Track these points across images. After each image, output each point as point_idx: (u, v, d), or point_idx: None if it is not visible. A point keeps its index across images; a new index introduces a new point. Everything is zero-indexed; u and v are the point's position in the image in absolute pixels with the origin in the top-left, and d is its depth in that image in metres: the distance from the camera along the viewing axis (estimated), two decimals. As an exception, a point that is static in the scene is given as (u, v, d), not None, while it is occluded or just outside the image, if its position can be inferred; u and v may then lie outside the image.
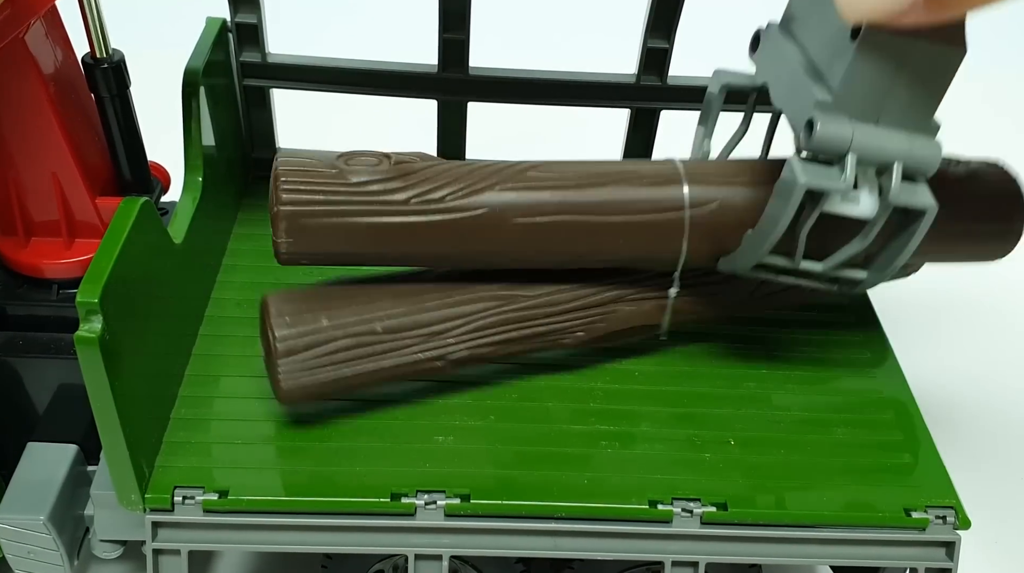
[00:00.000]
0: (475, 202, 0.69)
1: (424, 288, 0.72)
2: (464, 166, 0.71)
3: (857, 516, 0.70)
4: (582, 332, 0.75)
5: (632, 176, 0.72)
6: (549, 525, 0.69)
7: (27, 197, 0.73)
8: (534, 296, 0.74)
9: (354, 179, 0.67)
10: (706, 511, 0.69)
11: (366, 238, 0.68)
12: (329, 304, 0.70)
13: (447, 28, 0.88)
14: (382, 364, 0.70)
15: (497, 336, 0.73)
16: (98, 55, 0.73)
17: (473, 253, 0.71)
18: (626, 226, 0.71)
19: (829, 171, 0.65)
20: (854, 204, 0.66)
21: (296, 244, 0.68)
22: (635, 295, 0.76)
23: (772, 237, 0.68)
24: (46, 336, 0.76)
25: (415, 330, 0.70)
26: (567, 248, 0.71)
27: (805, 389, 0.79)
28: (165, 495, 0.67)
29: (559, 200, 0.70)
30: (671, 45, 0.89)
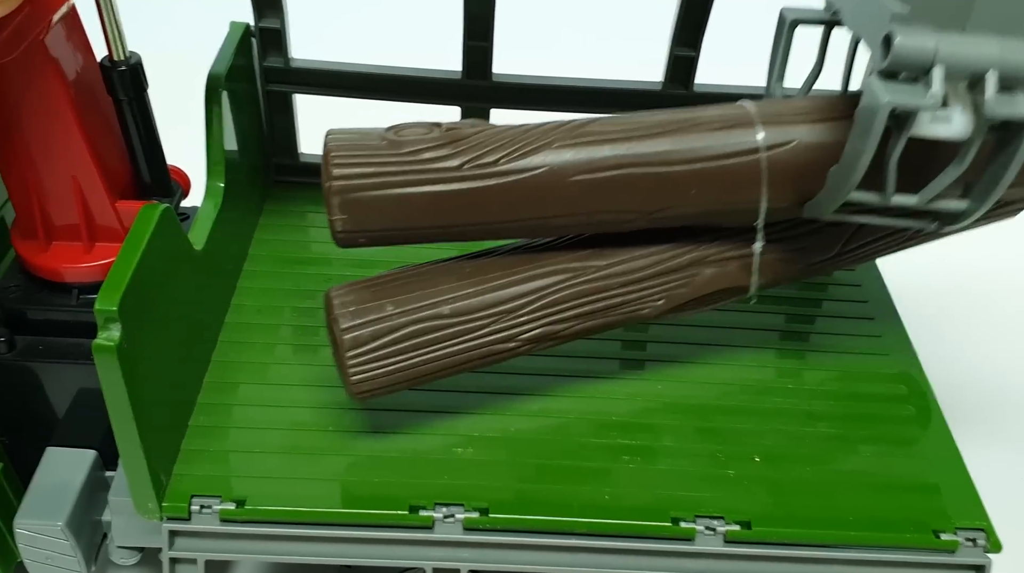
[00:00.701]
0: (531, 163, 0.65)
1: (490, 265, 0.69)
2: (517, 128, 0.67)
3: (885, 537, 0.68)
4: (662, 300, 0.71)
5: (699, 122, 0.67)
6: (569, 541, 0.68)
7: (48, 201, 0.72)
8: (607, 265, 0.69)
9: (404, 149, 0.65)
10: (730, 529, 0.68)
11: (422, 209, 0.65)
12: (393, 290, 0.67)
13: (471, 35, 0.87)
14: (452, 349, 0.67)
15: (571, 311, 0.69)
16: (115, 57, 0.72)
17: (534, 218, 0.67)
18: (697, 175, 0.66)
19: (914, 88, 0.59)
20: (946, 124, 0.61)
21: (351, 221, 0.65)
22: (717, 255, 0.71)
23: (858, 169, 0.62)
24: (66, 341, 0.75)
25: (484, 310, 0.67)
26: (634, 205, 0.67)
27: (831, 404, 0.78)
28: (182, 504, 0.67)
29: (620, 153, 0.65)
30: (697, 53, 0.88)
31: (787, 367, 0.81)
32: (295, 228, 0.92)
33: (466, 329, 0.68)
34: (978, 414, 1.03)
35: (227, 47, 0.84)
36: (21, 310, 0.75)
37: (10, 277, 0.76)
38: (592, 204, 0.67)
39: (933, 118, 0.61)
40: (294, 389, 0.76)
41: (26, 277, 0.76)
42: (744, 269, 0.72)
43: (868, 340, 0.84)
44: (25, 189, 0.72)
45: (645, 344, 0.82)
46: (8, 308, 0.75)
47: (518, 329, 0.69)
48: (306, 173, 0.97)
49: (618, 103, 0.91)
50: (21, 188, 0.72)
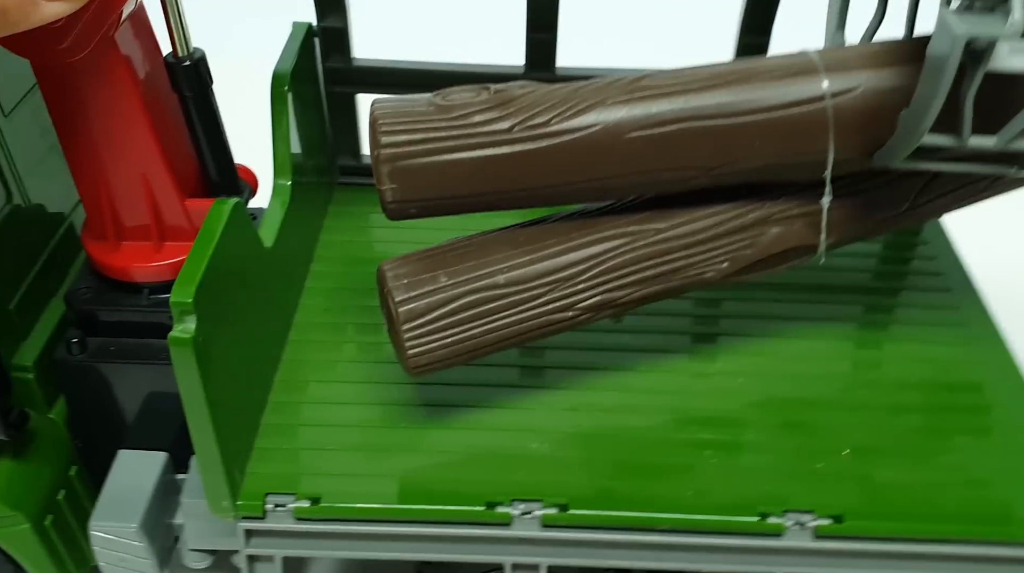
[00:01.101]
0: (584, 121, 0.63)
1: (545, 232, 0.67)
2: (568, 86, 0.64)
3: (985, 531, 0.65)
4: (726, 262, 0.68)
5: (760, 72, 0.64)
6: (652, 538, 0.66)
7: (117, 200, 0.72)
8: (667, 227, 0.67)
9: (453, 113, 0.62)
10: (820, 524, 0.65)
11: (473, 174, 0.62)
12: (447, 261, 0.65)
13: (535, 28, 0.86)
14: (509, 319, 0.65)
15: (631, 276, 0.66)
16: (180, 53, 0.72)
17: (590, 180, 0.64)
18: (759, 127, 0.63)
19: (990, 18, 0.56)
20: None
21: (402, 190, 0.63)
22: (783, 213, 0.68)
23: (931, 110, 0.58)
24: (136, 342, 0.75)
25: (540, 278, 0.65)
26: (694, 161, 0.64)
27: (920, 395, 0.75)
28: (257, 502, 0.66)
29: (678, 107, 0.63)
30: (767, 40, 0.86)
31: (869, 358, 0.79)
32: (360, 229, 0.92)
33: (522, 298, 0.65)
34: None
35: (290, 47, 0.84)
36: (93, 311, 0.75)
37: (82, 279, 0.77)
38: (650, 162, 0.64)
39: (1011, 50, 0.57)
40: (364, 386, 0.75)
41: (97, 278, 0.76)
42: (812, 227, 0.69)
43: (953, 329, 0.81)
44: (95, 189, 0.72)
45: (717, 337, 0.80)
46: (80, 310, 0.75)
47: (576, 297, 0.66)
48: (369, 174, 0.94)
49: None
50: (91, 188, 0.72)
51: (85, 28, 0.63)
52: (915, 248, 0.90)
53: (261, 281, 0.72)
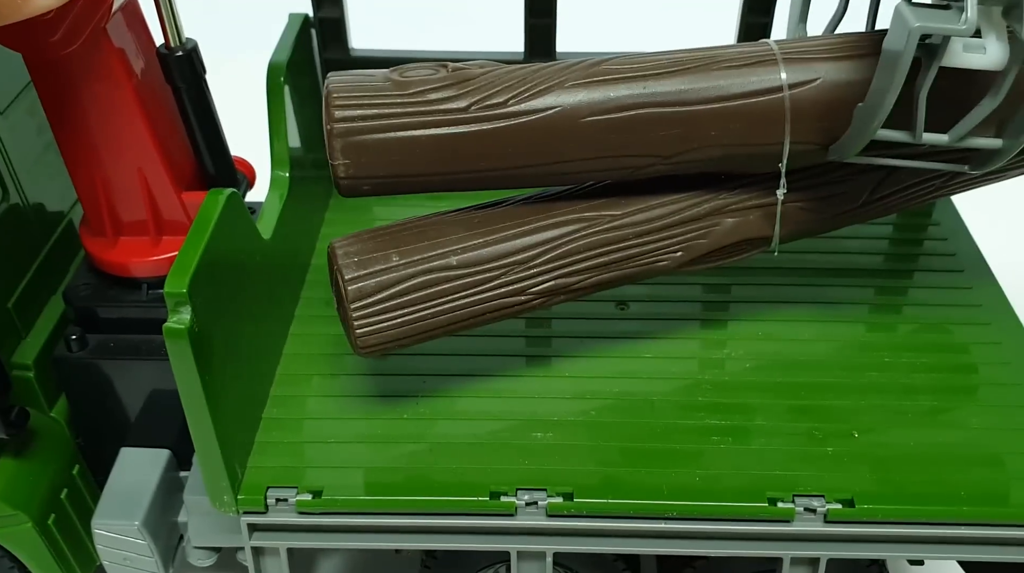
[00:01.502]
0: (541, 103, 0.62)
1: (500, 215, 0.66)
2: (528, 67, 0.64)
3: (1000, 512, 0.64)
4: (680, 251, 0.67)
5: (719, 60, 0.64)
6: (659, 525, 0.65)
7: (114, 195, 0.72)
8: (623, 214, 0.66)
9: (409, 90, 0.62)
10: (831, 508, 0.64)
11: (427, 153, 0.62)
12: (399, 240, 0.64)
13: (533, 12, 0.85)
14: (461, 302, 0.64)
15: (585, 262, 0.66)
16: (172, 44, 0.71)
17: (546, 163, 0.64)
18: (717, 115, 0.63)
19: (945, 14, 0.56)
20: (979, 53, 0.57)
21: (354, 166, 0.62)
22: (738, 203, 0.68)
23: (885, 104, 0.59)
24: (137, 338, 0.75)
25: (494, 262, 0.64)
26: (651, 148, 0.63)
27: (933, 377, 0.73)
28: (258, 496, 0.65)
29: (637, 92, 0.62)
30: (771, 20, 0.84)
31: (880, 340, 0.77)
32: (361, 223, 0.89)
33: (475, 281, 0.64)
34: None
35: (286, 38, 0.83)
36: (92, 308, 0.74)
37: (80, 276, 0.76)
38: (607, 147, 0.63)
39: (965, 47, 0.57)
40: (365, 379, 0.74)
41: (96, 275, 0.75)
42: (767, 218, 0.68)
43: (965, 310, 0.80)
44: (91, 184, 0.71)
45: (725, 322, 0.79)
46: (79, 306, 0.74)
47: (529, 281, 0.65)
48: (370, 166, 0.95)
49: (687, 77, 0.88)
50: (87, 183, 0.72)
51: (76, 20, 0.63)
52: (927, 229, 0.89)
53: (260, 273, 0.71)
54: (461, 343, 0.74)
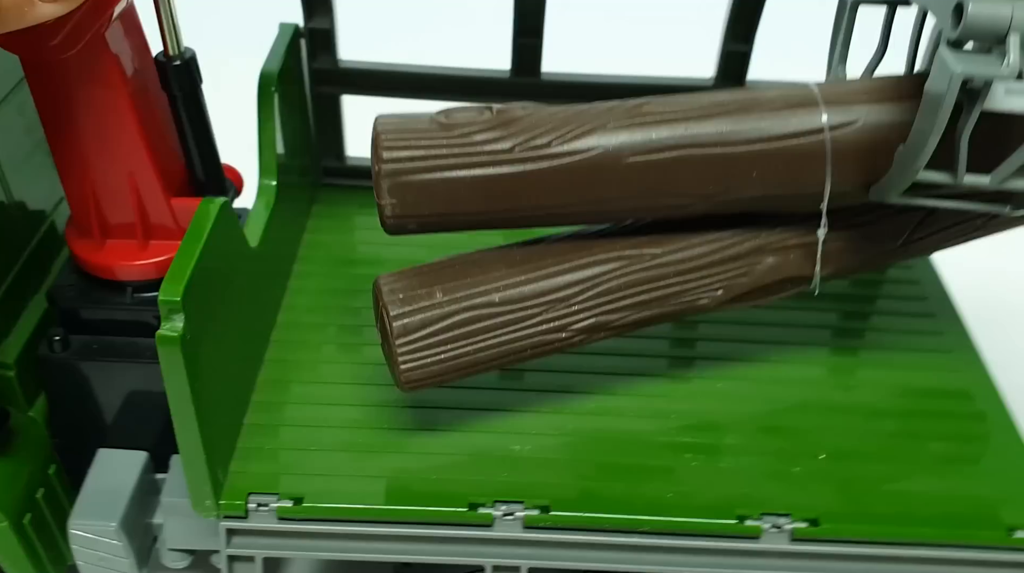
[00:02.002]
0: (584, 144, 0.63)
1: (542, 252, 0.67)
2: (572, 109, 0.65)
3: (957, 534, 0.67)
4: (720, 290, 0.68)
5: (760, 102, 0.65)
6: (632, 539, 0.67)
7: (103, 198, 0.72)
8: (663, 252, 0.67)
9: (455, 131, 0.63)
10: (796, 527, 0.66)
11: (473, 193, 0.63)
12: (443, 277, 0.65)
13: (521, 32, 0.86)
14: (503, 338, 0.65)
15: (625, 300, 0.67)
16: (171, 52, 0.72)
17: (588, 202, 0.65)
18: (758, 156, 0.64)
19: (987, 59, 0.57)
20: (1022, 97, 0.58)
21: (401, 205, 0.63)
22: (779, 243, 0.69)
23: (927, 147, 0.60)
24: (120, 341, 0.75)
25: (535, 299, 0.65)
26: (692, 188, 0.65)
27: (896, 400, 0.76)
28: (239, 501, 0.66)
29: (678, 134, 0.64)
30: (750, 48, 0.87)
31: (847, 364, 0.80)
32: (343, 229, 0.92)
33: (517, 318, 0.66)
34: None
35: (277, 48, 0.84)
36: (76, 309, 0.75)
37: (65, 276, 0.76)
38: (648, 187, 0.65)
39: (1008, 90, 0.58)
40: (348, 387, 0.75)
41: (81, 276, 0.76)
42: (807, 257, 0.70)
43: (929, 337, 0.83)
44: (81, 186, 0.72)
45: (698, 342, 0.81)
46: (63, 307, 0.75)
47: (570, 318, 0.67)
48: (353, 175, 0.96)
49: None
50: (77, 185, 0.72)
51: (77, 26, 0.63)
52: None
53: (246, 280, 0.72)
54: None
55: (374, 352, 0.77)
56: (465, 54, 0.94)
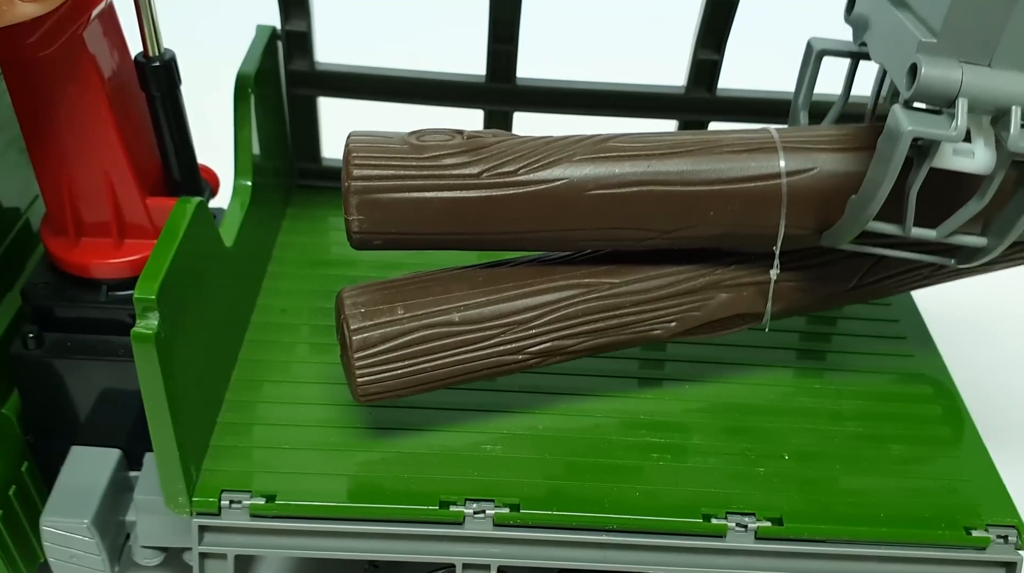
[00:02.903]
0: (550, 174, 0.65)
1: (504, 275, 0.69)
2: (540, 139, 0.67)
3: (916, 533, 0.68)
4: (674, 322, 0.71)
5: (722, 144, 0.67)
6: (600, 537, 0.68)
7: (79, 196, 0.72)
8: (621, 282, 0.70)
9: (425, 154, 0.65)
10: (760, 526, 0.68)
11: (439, 214, 0.65)
12: (405, 294, 0.67)
13: (496, 39, 0.87)
14: (461, 357, 0.67)
15: (582, 327, 0.69)
16: (150, 53, 0.73)
17: (551, 231, 0.67)
18: (716, 197, 0.66)
19: (937, 119, 0.59)
20: (968, 158, 0.60)
21: (368, 222, 0.65)
22: (733, 280, 0.71)
23: (878, 198, 0.62)
24: (93, 338, 0.75)
25: (494, 320, 0.67)
26: (651, 223, 0.67)
27: (859, 403, 0.78)
28: (212, 498, 0.67)
29: (640, 170, 0.66)
30: (721, 57, 0.88)
31: (813, 367, 0.82)
32: (317, 231, 0.93)
33: (475, 338, 0.68)
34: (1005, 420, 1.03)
35: (254, 49, 0.85)
36: (50, 306, 0.75)
37: (39, 274, 0.76)
38: (609, 219, 0.67)
39: (955, 150, 0.60)
40: (320, 387, 0.76)
41: (55, 274, 0.76)
42: (759, 295, 0.72)
43: (892, 342, 0.85)
44: (57, 184, 0.72)
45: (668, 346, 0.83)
46: (37, 305, 0.75)
47: (527, 341, 0.69)
48: (328, 177, 0.97)
49: (641, 107, 0.92)
50: (53, 184, 0.72)
51: (55, 25, 0.64)
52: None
53: (221, 280, 0.73)
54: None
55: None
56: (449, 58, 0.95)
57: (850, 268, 0.75)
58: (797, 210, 0.67)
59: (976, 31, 0.58)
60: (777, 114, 0.91)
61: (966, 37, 0.58)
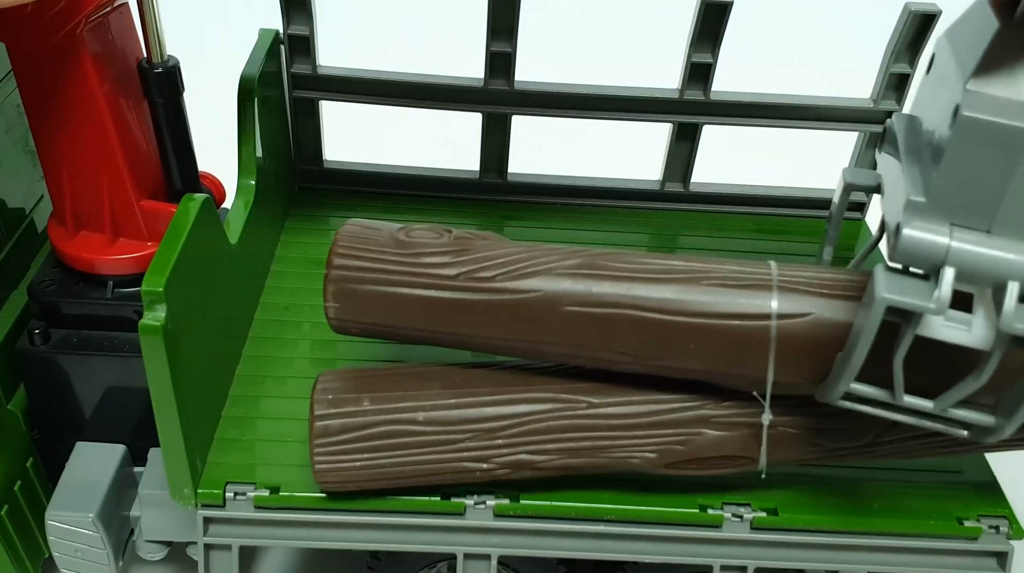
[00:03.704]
0: (525, 285, 0.64)
1: (481, 378, 0.67)
2: (524, 246, 0.66)
3: (909, 524, 0.70)
4: (655, 454, 0.65)
5: (712, 275, 0.63)
6: (598, 527, 0.69)
7: (77, 191, 0.74)
8: (600, 403, 0.65)
9: (408, 250, 0.65)
10: (756, 516, 0.69)
11: (413, 311, 0.65)
12: (376, 386, 0.66)
13: (494, 41, 0.89)
14: (422, 457, 0.65)
15: (553, 444, 0.65)
16: (154, 59, 0.74)
17: (524, 341, 0.65)
18: (698, 330, 0.62)
19: (919, 287, 0.53)
20: (962, 330, 0.53)
21: (343, 310, 0.66)
22: (724, 418, 0.65)
23: (854, 362, 0.56)
24: (99, 334, 0.76)
25: (461, 425, 0.65)
26: (627, 348, 0.63)
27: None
28: (217, 490, 0.68)
29: (619, 292, 0.62)
30: (715, 60, 0.90)
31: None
32: (319, 231, 0.94)
33: (439, 440, 0.65)
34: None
35: (257, 53, 0.86)
36: (56, 303, 0.76)
37: (45, 271, 0.78)
38: (585, 338, 0.64)
39: (948, 320, 0.53)
40: (323, 383, 0.77)
41: (61, 271, 0.77)
42: (754, 439, 0.65)
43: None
44: (59, 176, 0.73)
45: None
46: (43, 301, 0.76)
47: (494, 451, 0.65)
48: (330, 179, 0.98)
49: (636, 109, 0.93)
50: (55, 174, 0.74)
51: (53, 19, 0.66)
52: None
53: (226, 277, 0.74)
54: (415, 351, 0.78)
55: (348, 348, 0.80)
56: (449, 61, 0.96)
57: (864, 423, 0.65)
58: (788, 356, 0.61)
59: (970, 194, 0.51)
60: (771, 116, 0.93)
61: (960, 199, 0.51)
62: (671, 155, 0.96)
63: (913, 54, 0.90)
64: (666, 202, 0.99)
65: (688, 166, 0.96)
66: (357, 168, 0.98)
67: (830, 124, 0.94)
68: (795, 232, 0.97)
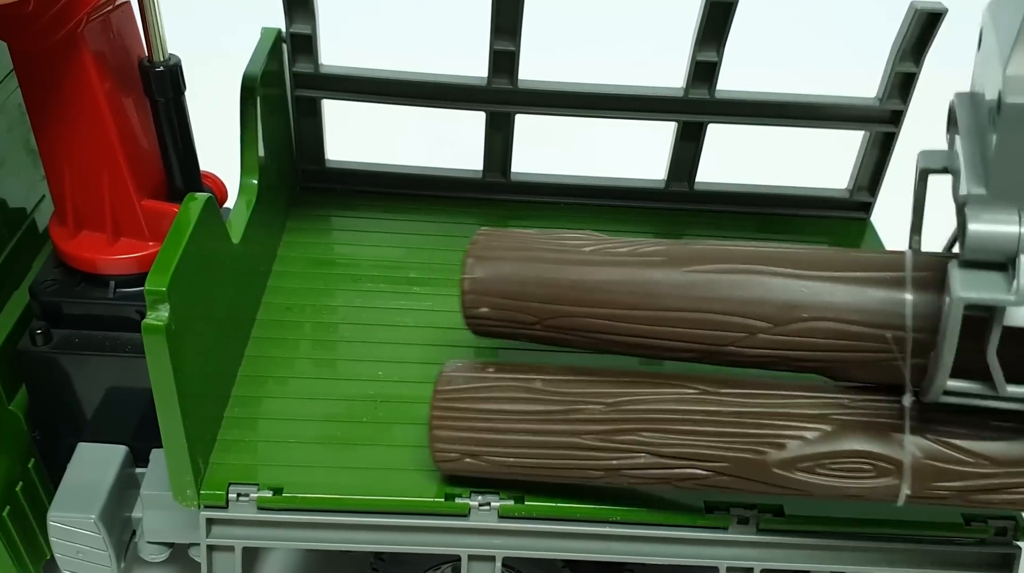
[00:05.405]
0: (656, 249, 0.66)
1: (600, 372, 0.68)
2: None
3: (916, 525, 0.69)
4: (796, 440, 0.63)
5: (853, 262, 0.63)
6: (603, 529, 0.69)
7: (77, 190, 0.73)
8: (728, 393, 0.66)
9: (546, 234, 0.69)
10: (763, 518, 0.68)
11: (549, 273, 0.66)
12: (502, 365, 0.69)
13: (498, 40, 0.89)
14: (537, 427, 0.66)
15: (678, 425, 0.64)
16: (155, 58, 0.74)
17: (647, 310, 0.65)
18: (831, 290, 0.62)
19: (996, 280, 0.52)
20: None
21: (482, 270, 0.67)
22: (862, 411, 0.64)
23: (944, 360, 0.55)
24: (101, 335, 0.76)
25: (582, 395, 0.66)
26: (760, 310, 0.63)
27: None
28: (220, 491, 0.67)
29: (750, 251, 0.65)
30: (720, 58, 0.90)
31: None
32: (321, 232, 0.94)
33: (559, 408, 0.66)
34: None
35: (259, 52, 0.86)
36: (58, 303, 0.76)
37: (47, 271, 0.77)
38: (710, 304, 0.63)
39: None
40: (325, 382, 0.77)
41: (63, 271, 0.77)
42: (896, 443, 0.62)
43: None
44: (60, 174, 0.73)
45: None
46: (45, 301, 0.76)
47: (615, 426, 0.65)
48: (332, 179, 0.98)
49: (640, 108, 0.93)
50: (57, 173, 0.73)
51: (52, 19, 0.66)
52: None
53: (228, 276, 0.74)
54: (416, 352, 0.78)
55: (349, 349, 0.80)
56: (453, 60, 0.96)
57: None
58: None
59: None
60: (776, 115, 0.93)
61: (1021, 186, 0.50)
62: (676, 154, 0.96)
63: (919, 53, 0.89)
64: (671, 202, 0.98)
65: (693, 165, 0.96)
66: (359, 168, 0.98)
67: (836, 123, 0.93)
68: (801, 231, 0.97)
